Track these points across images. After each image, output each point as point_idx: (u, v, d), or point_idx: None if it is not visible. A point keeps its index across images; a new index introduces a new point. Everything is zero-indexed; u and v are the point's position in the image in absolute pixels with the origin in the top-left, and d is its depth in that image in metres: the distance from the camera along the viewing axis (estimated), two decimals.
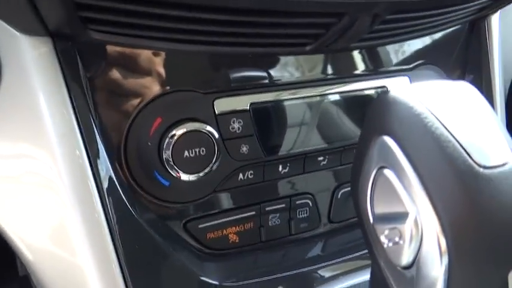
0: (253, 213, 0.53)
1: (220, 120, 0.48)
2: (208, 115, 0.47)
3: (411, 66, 0.59)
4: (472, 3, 0.50)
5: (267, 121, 0.50)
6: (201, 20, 0.40)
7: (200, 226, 0.50)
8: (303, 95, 0.51)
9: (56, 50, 0.40)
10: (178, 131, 0.45)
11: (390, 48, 0.57)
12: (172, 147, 0.45)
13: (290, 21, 0.43)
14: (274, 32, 0.44)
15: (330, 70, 0.53)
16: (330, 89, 0.53)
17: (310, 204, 0.56)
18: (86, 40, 0.41)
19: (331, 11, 0.42)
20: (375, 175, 0.35)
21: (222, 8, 0.38)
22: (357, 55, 0.55)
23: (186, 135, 0.45)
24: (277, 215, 0.54)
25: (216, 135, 0.47)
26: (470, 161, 0.30)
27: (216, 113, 0.48)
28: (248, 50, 0.47)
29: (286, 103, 0.51)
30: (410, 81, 0.58)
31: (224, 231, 0.51)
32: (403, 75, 0.58)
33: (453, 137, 0.31)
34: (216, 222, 0.51)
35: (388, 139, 0.33)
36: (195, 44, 0.43)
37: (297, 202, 0.55)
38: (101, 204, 0.41)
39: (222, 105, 0.48)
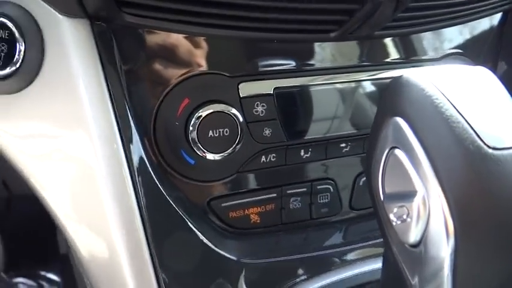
0: (275, 195, 0.54)
1: (244, 103, 0.50)
2: (233, 98, 0.49)
3: (440, 56, 0.58)
4: None
5: (290, 106, 0.52)
6: (229, 5, 0.42)
7: (223, 205, 0.52)
8: (326, 82, 0.53)
9: (94, 32, 0.43)
10: (204, 112, 0.47)
11: (417, 37, 0.57)
12: (198, 127, 0.47)
13: (313, 6, 0.44)
14: (298, 17, 0.45)
15: (354, 58, 0.54)
16: (352, 77, 0.54)
17: (332, 189, 0.57)
18: (121, 23, 0.44)
19: None
20: (387, 155, 0.36)
21: None
22: (382, 44, 0.56)
23: (211, 116, 0.48)
24: (298, 198, 0.55)
25: (240, 117, 0.49)
26: (479, 141, 0.31)
27: (241, 96, 0.50)
28: (273, 36, 0.49)
29: (309, 89, 0.52)
30: None
31: (246, 211, 0.53)
32: (431, 65, 0.58)
33: (463, 118, 0.32)
34: (238, 201, 0.53)
35: (400, 120, 0.34)
36: (224, 28, 0.45)
37: (318, 187, 0.56)
38: (131, 182, 0.43)
39: (247, 89, 0.50)
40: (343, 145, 0.56)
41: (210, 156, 0.48)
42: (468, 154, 0.31)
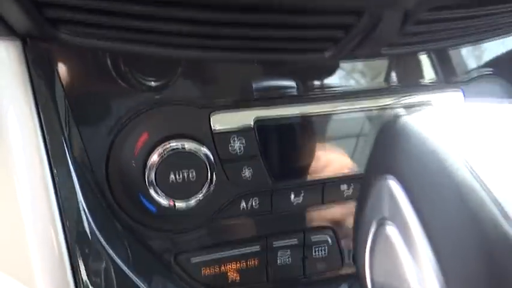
0: (258, 248, 0.45)
1: (217, 139, 0.41)
2: (203, 132, 0.40)
3: (467, 77, 0.47)
4: None
5: (276, 141, 0.42)
6: (193, 21, 0.33)
7: (194, 260, 0.44)
8: (319, 111, 0.43)
9: (26, 55, 0.36)
10: (167, 150, 0.39)
11: (438, 54, 0.46)
12: (159, 168, 0.39)
13: (302, 20, 0.35)
14: (285, 34, 0.36)
15: (354, 81, 0.44)
16: (353, 104, 0.43)
17: (330, 241, 0.47)
18: (61, 44, 0.36)
19: (347, 7, 0.33)
20: (375, 229, 0.26)
21: (220, 5, 0.31)
22: (395, 62, 0.45)
23: (176, 154, 0.39)
24: (288, 252, 0.46)
25: (212, 155, 0.40)
26: (506, 223, 0.21)
27: (213, 129, 0.41)
28: (254, 57, 0.40)
29: (299, 120, 0.43)
30: (465, 97, 0.47)
31: (222, 268, 0.44)
32: (455, 89, 0.47)
33: (482, 184, 0.21)
34: (212, 256, 0.44)
35: (392, 182, 0.24)
36: (187, 49, 0.36)
37: (313, 238, 0.46)
38: (64, 238, 0.36)
39: (221, 120, 0.41)
40: (344, 187, 0.46)
41: (173, 202, 0.40)
42: (488, 242, 0.21)
